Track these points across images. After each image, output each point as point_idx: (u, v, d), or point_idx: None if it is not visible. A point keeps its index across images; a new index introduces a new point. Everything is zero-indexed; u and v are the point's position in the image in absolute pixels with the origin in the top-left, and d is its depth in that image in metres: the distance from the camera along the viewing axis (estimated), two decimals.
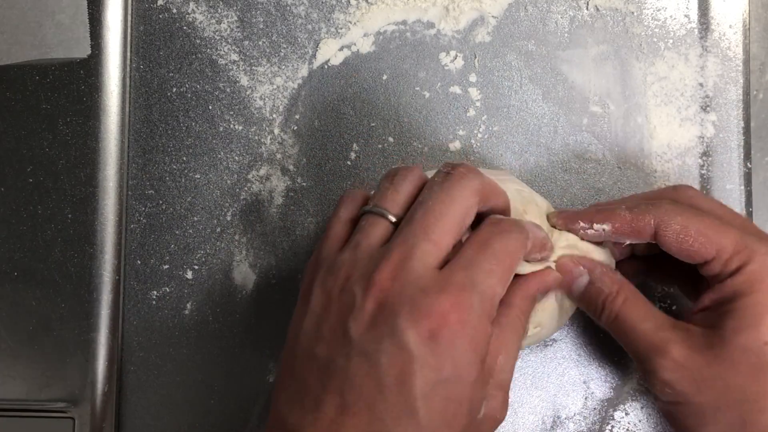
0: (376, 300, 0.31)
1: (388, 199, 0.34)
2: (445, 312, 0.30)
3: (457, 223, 0.32)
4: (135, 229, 0.46)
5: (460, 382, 0.30)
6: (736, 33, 0.46)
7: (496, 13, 0.46)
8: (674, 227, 0.35)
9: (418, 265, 0.31)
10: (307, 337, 0.32)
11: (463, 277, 0.31)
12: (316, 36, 0.47)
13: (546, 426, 0.44)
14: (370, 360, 0.30)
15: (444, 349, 0.30)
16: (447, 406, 0.30)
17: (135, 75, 0.47)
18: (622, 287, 0.37)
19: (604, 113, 0.46)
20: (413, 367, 0.29)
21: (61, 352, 0.45)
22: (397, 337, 0.30)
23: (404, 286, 0.30)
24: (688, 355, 0.34)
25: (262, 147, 0.46)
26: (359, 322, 0.31)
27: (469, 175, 0.34)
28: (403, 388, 0.29)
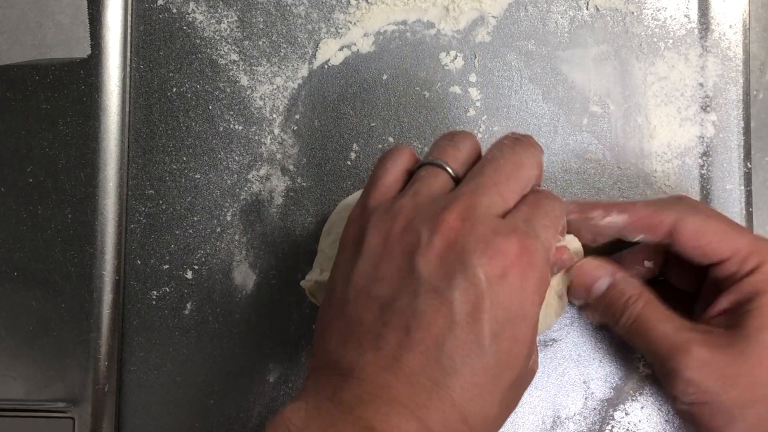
0: (445, 238, 0.31)
1: (449, 154, 0.35)
2: (516, 253, 0.30)
3: (522, 186, 0.34)
4: (135, 229, 0.46)
5: (525, 323, 0.31)
6: (736, 33, 0.46)
7: (496, 13, 0.46)
8: (693, 224, 0.36)
9: (486, 211, 0.32)
10: (363, 278, 0.32)
11: (526, 226, 0.32)
12: (316, 36, 0.47)
13: (546, 426, 0.44)
14: (442, 296, 0.30)
15: (514, 287, 0.30)
16: (512, 346, 0.30)
17: (135, 75, 0.47)
18: (642, 290, 0.38)
19: (604, 113, 0.46)
20: (485, 303, 0.30)
21: (61, 352, 0.45)
22: (469, 273, 0.30)
23: (474, 226, 0.31)
24: (711, 354, 0.35)
25: (262, 147, 0.46)
26: (428, 258, 0.30)
27: (536, 145, 0.35)
28: (474, 324, 0.30)
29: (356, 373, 0.30)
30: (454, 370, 0.30)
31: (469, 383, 0.30)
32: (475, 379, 0.30)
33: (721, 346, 0.35)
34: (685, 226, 0.36)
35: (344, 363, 0.31)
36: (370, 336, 0.30)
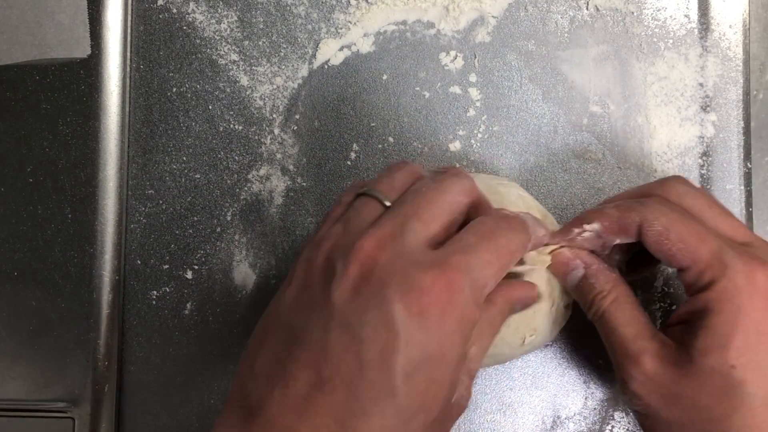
0: (361, 267, 0.29)
1: (383, 183, 0.34)
2: (438, 289, 0.29)
3: (447, 212, 0.32)
4: (135, 229, 0.46)
5: (443, 363, 0.29)
6: (736, 33, 0.46)
7: (496, 13, 0.46)
8: (656, 228, 0.34)
9: (409, 239, 0.30)
10: (285, 307, 0.31)
11: (459, 259, 0.30)
12: (316, 36, 0.47)
13: (546, 426, 0.44)
14: (352, 331, 0.28)
15: (432, 326, 0.29)
16: (428, 388, 0.29)
17: (135, 75, 0.47)
18: (614, 287, 0.37)
19: (604, 113, 0.46)
20: (398, 342, 0.28)
21: (61, 352, 0.45)
22: (384, 308, 0.28)
23: (395, 257, 0.29)
24: (658, 369, 0.34)
25: (262, 147, 0.46)
26: (342, 289, 0.29)
27: (462, 174, 0.34)
28: (384, 365, 0.28)
29: (263, 412, 0.29)
30: (363, 412, 0.28)
31: (378, 426, 0.28)
32: (384, 422, 0.28)
33: (670, 361, 0.34)
34: (649, 229, 0.34)
35: (254, 399, 0.29)
36: (279, 372, 0.29)
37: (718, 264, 0.33)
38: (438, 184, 0.33)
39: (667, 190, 0.37)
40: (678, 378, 0.33)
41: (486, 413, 0.44)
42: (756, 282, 0.32)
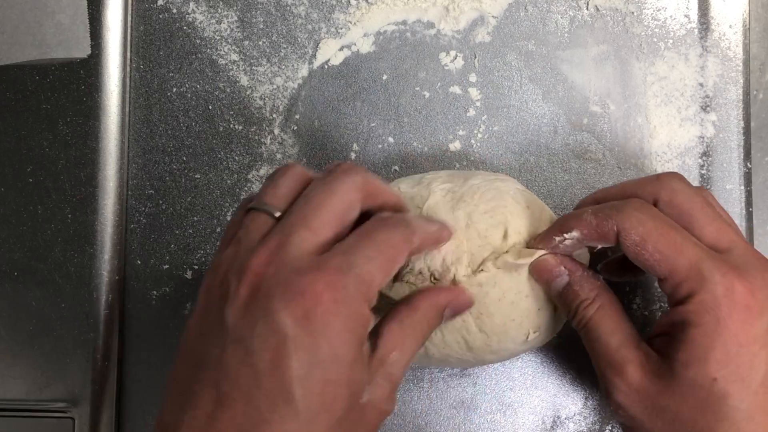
0: (251, 285, 0.30)
1: (268, 194, 0.34)
2: (319, 291, 0.29)
3: (337, 214, 0.32)
4: (135, 229, 0.46)
5: (338, 363, 0.30)
6: (736, 33, 0.46)
7: (496, 13, 0.46)
8: (633, 237, 0.34)
9: (294, 250, 0.31)
10: (190, 334, 0.32)
11: (340, 260, 0.30)
12: (316, 36, 0.47)
13: (546, 426, 0.44)
14: (244, 345, 0.29)
15: (319, 328, 0.29)
16: (325, 389, 0.29)
17: (135, 75, 0.47)
18: (599, 295, 0.36)
19: (604, 113, 0.46)
20: (288, 348, 0.29)
21: (61, 352, 0.45)
22: (270, 318, 0.29)
23: (279, 269, 0.30)
24: (642, 380, 0.34)
25: (262, 147, 0.46)
26: (234, 309, 0.30)
27: (351, 171, 0.34)
28: (277, 371, 0.29)
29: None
30: (263, 420, 0.29)
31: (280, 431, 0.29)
32: (285, 427, 0.29)
33: (654, 373, 0.34)
34: (626, 238, 0.34)
35: (170, 425, 0.30)
36: (187, 395, 0.30)
37: (696, 276, 0.32)
38: (326, 186, 0.33)
39: (660, 186, 0.36)
40: (661, 390, 0.33)
41: (486, 413, 0.44)
42: (734, 294, 0.32)
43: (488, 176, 0.40)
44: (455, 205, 0.38)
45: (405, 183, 0.40)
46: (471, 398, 0.44)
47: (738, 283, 0.32)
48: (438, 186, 0.39)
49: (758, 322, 0.32)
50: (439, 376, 0.44)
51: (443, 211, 0.38)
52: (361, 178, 0.33)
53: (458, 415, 0.44)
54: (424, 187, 0.39)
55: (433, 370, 0.45)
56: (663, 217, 0.34)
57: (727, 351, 0.32)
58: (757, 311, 0.32)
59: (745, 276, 0.32)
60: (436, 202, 0.38)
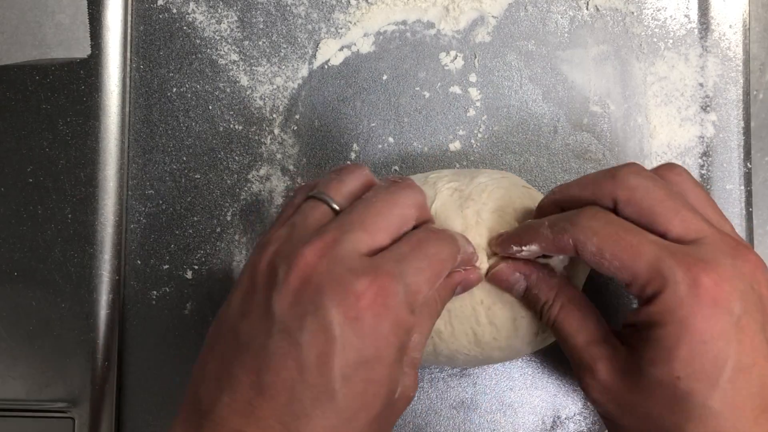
0: (301, 275, 0.30)
1: (332, 187, 0.34)
2: (371, 294, 0.30)
3: (395, 224, 0.33)
4: (135, 229, 0.46)
5: (381, 364, 0.30)
6: (736, 33, 0.46)
7: (496, 13, 0.46)
8: (590, 249, 0.33)
9: (349, 249, 0.31)
10: (232, 312, 0.32)
11: (393, 266, 0.31)
12: (316, 36, 0.47)
13: (546, 426, 0.44)
14: (291, 337, 0.29)
15: (367, 330, 0.30)
16: (367, 388, 0.30)
17: (135, 75, 0.47)
18: (558, 294, 0.36)
19: (604, 113, 0.46)
20: (335, 347, 0.29)
21: (61, 352, 0.45)
22: (320, 314, 0.29)
23: (332, 264, 0.30)
24: (613, 376, 0.33)
25: (262, 147, 0.46)
26: (283, 297, 0.30)
27: (414, 187, 0.34)
28: (323, 368, 0.29)
29: (213, 416, 0.30)
30: (305, 414, 0.29)
31: (320, 427, 0.29)
32: (326, 423, 0.29)
33: (623, 369, 0.33)
34: (583, 250, 0.33)
35: (205, 403, 0.30)
36: (227, 376, 0.30)
37: (657, 277, 0.31)
38: (390, 195, 0.33)
39: (617, 186, 0.34)
40: (630, 387, 0.33)
41: (486, 413, 0.44)
42: (699, 289, 0.31)
43: (494, 174, 0.40)
44: (463, 204, 0.38)
45: None
46: (471, 398, 0.44)
47: (703, 276, 0.31)
48: (444, 185, 0.39)
49: (725, 315, 0.31)
50: (439, 376, 0.44)
51: (452, 210, 0.38)
52: (421, 195, 0.34)
53: (458, 415, 0.44)
54: (430, 187, 0.39)
55: (433, 370, 0.45)
56: (618, 222, 0.33)
57: (692, 349, 0.31)
58: (724, 303, 0.31)
59: (711, 267, 0.31)
60: (444, 201, 0.38)
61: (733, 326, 0.31)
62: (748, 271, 0.32)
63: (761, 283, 0.32)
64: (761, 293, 0.32)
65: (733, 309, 0.31)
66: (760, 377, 0.31)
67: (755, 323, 0.31)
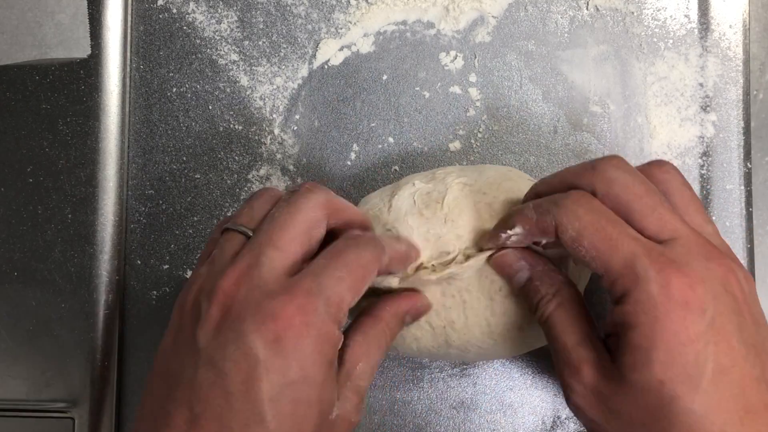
0: (222, 307, 0.31)
1: (243, 215, 0.35)
2: (290, 315, 0.30)
3: (303, 231, 0.33)
4: (135, 229, 0.46)
5: (308, 384, 0.30)
6: (736, 33, 0.46)
7: (496, 13, 0.46)
8: (570, 233, 0.32)
9: (264, 271, 0.31)
10: (164, 352, 0.32)
11: (310, 282, 0.31)
12: (316, 36, 0.47)
13: (546, 426, 0.44)
14: (216, 367, 0.30)
15: (289, 351, 0.30)
16: (296, 409, 0.30)
17: (135, 75, 0.47)
18: (559, 290, 0.35)
19: (604, 113, 0.46)
20: (259, 371, 0.29)
21: (61, 352, 0.45)
22: (241, 341, 0.30)
23: (250, 290, 0.31)
24: (597, 382, 0.32)
25: (262, 147, 0.46)
26: (206, 330, 0.31)
27: (314, 189, 0.34)
28: (249, 393, 0.29)
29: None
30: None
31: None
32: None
33: (606, 374, 0.32)
34: (564, 234, 0.32)
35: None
36: (162, 414, 0.31)
37: (630, 274, 0.31)
38: (289, 205, 0.33)
39: (596, 178, 0.34)
40: (614, 391, 0.32)
41: (486, 413, 0.44)
42: (670, 291, 0.30)
43: (500, 169, 0.40)
44: (475, 197, 0.38)
45: (418, 179, 0.40)
46: (471, 398, 0.44)
47: (675, 278, 0.30)
48: (454, 180, 0.39)
49: (700, 317, 0.30)
50: (439, 376, 0.44)
51: (464, 204, 0.38)
52: (324, 195, 0.34)
53: (458, 415, 0.44)
54: (439, 182, 0.39)
55: (433, 370, 0.45)
56: (602, 210, 0.32)
57: (670, 351, 0.30)
58: (697, 306, 0.30)
59: (683, 270, 0.30)
60: (456, 196, 0.38)
61: (709, 328, 0.30)
62: (721, 273, 0.31)
63: (735, 286, 0.31)
64: (735, 296, 0.31)
65: (706, 311, 0.30)
66: (741, 378, 0.30)
67: (730, 325, 0.30)
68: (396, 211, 0.38)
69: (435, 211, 0.38)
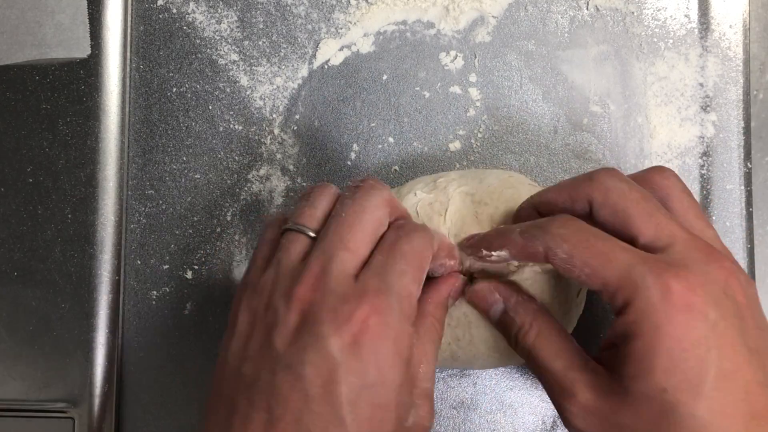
0: (299, 312, 0.31)
1: (305, 215, 0.35)
2: (366, 317, 0.30)
3: (371, 231, 0.33)
4: (135, 229, 0.46)
5: (386, 387, 0.31)
6: (736, 33, 0.46)
7: (496, 13, 0.46)
8: (561, 256, 0.32)
9: (337, 274, 0.32)
10: (234, 357, 0.33)
11: (378, 282, 0.31)
12: (316, 36, 0.47)
13: (546, 426, 0.44)
14: (295, 371, 0.30)
15: (367, 353, 0.30)
16: (374, 412, 0.30)
17: (135, 75, 0.47)
18: (535, 319, 0.35)
19: (604, 113, 0.46)
20: (338, 374, 0.30)
21: (61, 352, 0.45)
22: (320, 345, 0.30)
23: (325, 295, 0.31)
24: (595, 401, 0.32)
25: (262, 147, 0.46)
26: (283, 335, 0.31)
27: (378, 185, 0.35)
28: (329, 397, 0.30)
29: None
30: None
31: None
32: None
33: (605, 391, 0.32)
34: (554, 258, 0.32)
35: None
36: (239, 417, 0.31)
37: (628, 284, 0.30)
38: (356, 205, 0.34)
39: (593, 187, 0.34)
40: (615, 407, 0.32)
41: (486, 413, 0.44)
42: (671, 296, 0.30)
43: (501, 174, 0.40)
44: (477, 208, 0.38)
45: (419, 188, 0.40)
46: (471, 398, 0.44)
47: (675, 282, 0.30)
48: (455, 190, 0.39)
49: (701, 322, 0.30)
50: (439, 376, 0.44)
51: (467, 216, 0.38)
52: (387, 192, 0.35)
53: (458, 415, 0.44)
54: (441, 192, 0.39)
55: None
56: (588, 229, 0.33)
57: (672, 358, 0.30)
58: (699, 309, 0.30)
59: (683, 273, 0.30)
60: (458, 208, 0.38)
61: (711, 332, 0.30)
62: (721, 277, 0.31)
63: (735, 290, 0.31)
64: (736, 299, 0.31)
65: (708, 315, 0.30)
66: (745, 383, 0.30)
67: (733, 329, 0.30)
68: None
69: (438, 225, 0.38)
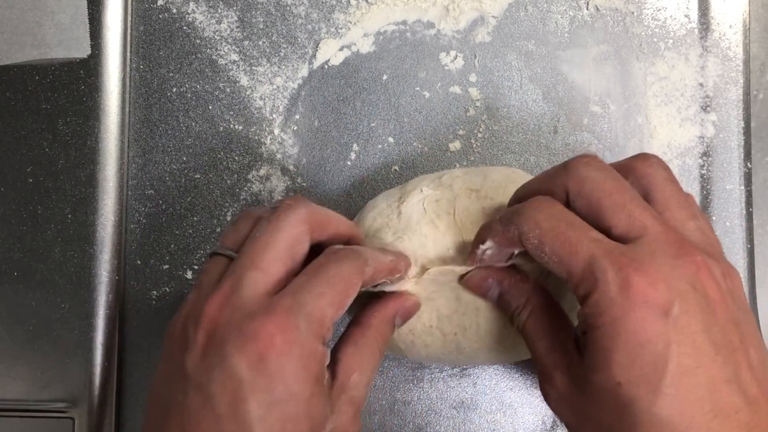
0: (207, 331, 0.31)
1: (228, 239, 0.35)
2: (271, 334, 0.30)
3: (285, 249, 0.33)
4: (135, 229, 0.46)
5: (295, 401, 0.31)
6: (736, 33, 0.46)
7: (496, 13, 0.46)
8: (532, 240, 0.32)
9: (246, 293, 0.31)
10: (157, 381, 0.33)
11: (290, 300, 0.31)
12: (316, 36, 0.47)
13: (546, 426, 0.44)
14: (204, 391, 0.30)
15: (273, 370, 0.30)
16: (284, 426, 0.30)
17: (135, 75, 0.47)
18: (529, 299, 0.36)
19: (604, 113, 0.46)
20: (244, 392, 0.30)
21: (61, 352, 0.45)
22: (226, 364, 0.30)
23: (232, 313, 0.31)
24: (568, 386, 0.32)
25: (262, 147, 0.46)
26: (193, 355, 0.31)
27: (295, 205, 0.34)
28: (238, 414, 0.30)
29: None
30: None
31: None
32: None
33: (577, 377, 0.32)
34: (527, 241, 0.32)
35: None
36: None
37: (590, 276, 0.30)
38: (270, 224, 0.33)
39: (568, 176, 0.33)
40: (584, 396, 0.31)
41: (486, 413, 0.44)
42: (629, 290, 0.29)
43: (504, 171, 0.40)
44: (483, 203, 0.38)
45: (425, 184, 0.40)
46: (471, 398, 0.44)
47: (635, 277, 0.29)
48: (461, 186, 0.39)
49: (659, 316, 0.29)
50: (439, 376, 0.44)
51: (474, 212, 0.38)
52: (305, 210, 0.34)
53: (458, 415, 0.44)
54: (447, 189, 0.39)
55: (433, 370, 0.45)
56: (561, 215, 0.32)
57: (629, 353, 0.29)
58: (659, 304, 0.29)
59: (644, 268, 0.30)
60: (465, 205, 0.38)
61: (671, 327, 0.29)
62: (690, 271, 0.30)
63: (706, 284, 0.30)
64: (706, 294, 0.30)
65: (670, 309, 0.29)
66: (708, 380, 0.29)
67: (696, 323, 0.30)
68: (407, 219, 0.39)
69: (449, 224, 0.38)
